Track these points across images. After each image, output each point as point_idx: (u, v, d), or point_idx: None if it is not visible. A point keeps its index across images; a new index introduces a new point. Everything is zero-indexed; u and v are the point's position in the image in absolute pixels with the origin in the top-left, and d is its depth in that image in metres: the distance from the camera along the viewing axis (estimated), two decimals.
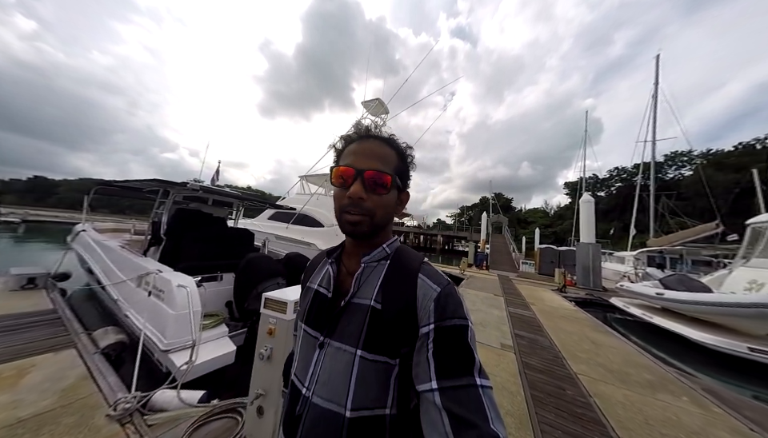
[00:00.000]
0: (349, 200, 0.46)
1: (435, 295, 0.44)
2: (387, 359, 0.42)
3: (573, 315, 5.45)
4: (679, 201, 21.34)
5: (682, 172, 35.22)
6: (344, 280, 0.53)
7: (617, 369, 2.94)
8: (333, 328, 0.47)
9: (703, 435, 1.88)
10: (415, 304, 0.44)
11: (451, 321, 0.42)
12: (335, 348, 0.45)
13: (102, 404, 1.61)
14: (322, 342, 0.47)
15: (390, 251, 0.52)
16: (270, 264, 2.96)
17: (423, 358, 0.40)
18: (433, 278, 0.46)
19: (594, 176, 43.45)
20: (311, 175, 11.87)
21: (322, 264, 0.59)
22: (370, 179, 0.46)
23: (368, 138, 0.51)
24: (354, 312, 0.47)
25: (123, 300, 2.83)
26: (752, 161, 23.26)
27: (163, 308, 2.24)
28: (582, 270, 9.77)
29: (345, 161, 0.50)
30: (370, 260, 0.51)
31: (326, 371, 0.45)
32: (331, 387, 0.43)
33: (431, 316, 0.42)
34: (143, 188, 4.09)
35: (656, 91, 16.90)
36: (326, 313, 0.50)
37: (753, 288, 5.11)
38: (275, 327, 1.37)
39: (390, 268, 0.50)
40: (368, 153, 0.49)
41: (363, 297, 0.47)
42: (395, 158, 0.51)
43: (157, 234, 3.60)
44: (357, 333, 0.44)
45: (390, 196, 0.49)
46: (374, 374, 0.42)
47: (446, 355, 0.39)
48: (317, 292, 0.54)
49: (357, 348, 0.43)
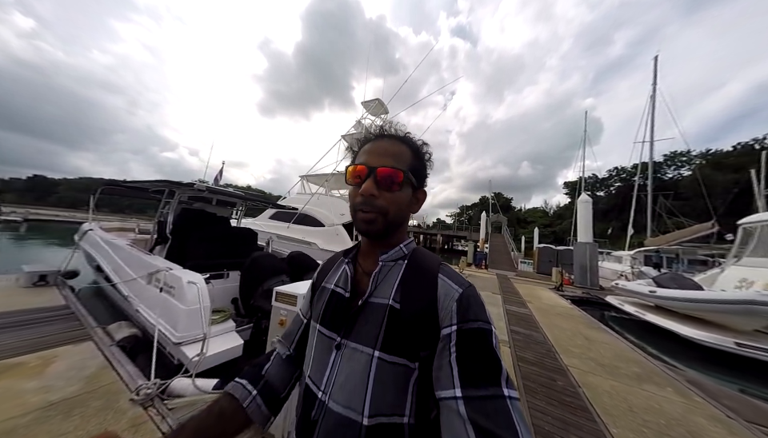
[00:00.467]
0: (361, 197, 0.47)
1: (457, 295, 0.43)
2: (406, 361, 0.41)
3: (568, 313, 5.58)
4: (677, 201, 21.48)
5: (681, 172, 35.35)
6: (360, 279, 0.52)
7: (607, 363, 3.08)
8: (350, 328, 0.46)
9: (683, 421, 2.01)
10: (436, 304, 0.43)
11: (475, 324, 0.40)
12: (352, 349, 0.44)
13: (124, 390, 1.74)
14: (339, 343, 0.46)
15: (407, 251, 0.52)
16: (274, 262, 3.09)
17: (445, 362, 0.38)
18: (453, 279, 0.46)
19: (594, 176, 43.57)
20: (311, 175, 11.99)
21: (338, 264, 0.58)
22: (382, 176, 0.46)
23: (382, 137, 0.52)
24: (371, 311, 0.46)
25: (134, 296, 2.95)
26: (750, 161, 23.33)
27: (174, 303, 2.37)
28: (579, 269, 9.91)
29: (359, 160, 0.50)
30: (388, 259, 0.50)
31: (342, 373, 0.43)
32: (348, 390, 0.42)
33: (453, 318, 0.41)
34: (149, 188, 4.21)
35: (654, 92, 17.02)
36: (342, 313, 0.49)
37: (743, 286, 5.25)
38: (286, 318, 1.50)
39: (408, 267, 0.49)
40: (381, 151, 0.49)
41: (381, 296, 0.47)
42: (410, 156, 0.50)
43: (163, 233, 3.72)
44: (375, 333, 0.43)
45: (404, 193, 0.49)
46: (392, 377, 0.41)
47: (471, 360, 0.37)
48: (333, 291, 0.53)
49: (375, 349, 0.42)
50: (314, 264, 3.67)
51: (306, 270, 3.46)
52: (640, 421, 1.96)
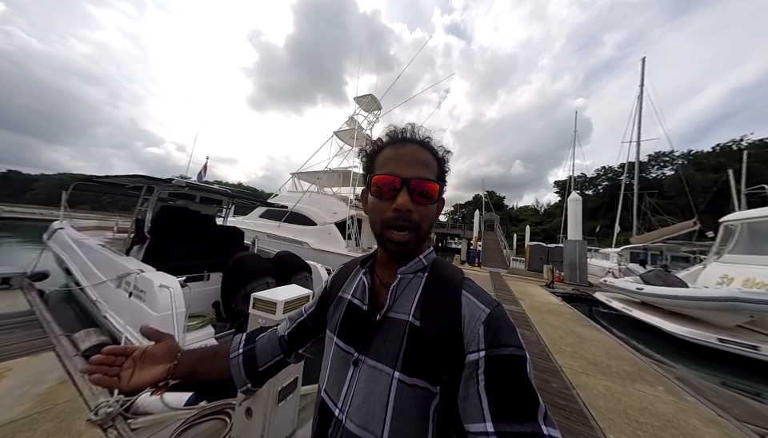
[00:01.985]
0: (396, 212, 0.42)
1: (485, 317, 0.39)
2: (428, 385, 0.38)
3: (559, 310, 5.64)
4: (661, 200, 22.29)
5: (664, 171, 36.72)
6: (378, 291, 0.49)
7: (599, 361, 3.08)
8: (368, 344, 0.44)
9: (676, 422, 1.99)
10: (460, 325, 0.40)
11: (506, 350, 0.36)
12: (371, 367, 0.42)
13: (83, 409, 1.56)
14: (357, 359, 0.44)
15: (427, 262, 0.49)
16: (259, 263, 2.92)
17: (473, 391, 0.35)
18: (480, 297, 0.42)
19: (583, 175, 44.71)
20: (303, 172, 11.70)
21: (354, 272, 0.55)
22: (419, 188, 0.42)
23: (407, 142, 0.46)
24: (390, 327, 0.43)
25: (102, 301, 2.73)
26: (729, 161, 24.42)
27: (144, 309, 2.18)
28: (569, 266, 10.10)
29: (385, 169, 0.44)
30: (407, 272, 0.47)
31: (360, 392, 0.42)
32: (367, 412, 0.40)
33: (481, 342, 0.37)
34: (126, 184, 3.93)
35: (641, 93, 17.44)
36: (360, 327, 0.46)
37: (724, 282, 5.42)
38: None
39: (429, 281, 0.46)
40: (412, 158, 0.44)
41: (400, 312, 0.44)
42: (436, 164, 0.46)
43: (141, 232, 3.48)
44: (394, 353, 0.41)
45: (435, 206, 0.46)
46: (413, 401, 0.38)
47: (503, 391, 0.34)
48: (350, 302, 0.50)
49: (395, 370, 0.40)
50: (303, 264, 3.52)
51: (295, 271, 3.30)
52: (635, 424, 1.92)
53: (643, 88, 17.41)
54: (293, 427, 1.50)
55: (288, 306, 1.41)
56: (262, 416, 1.28)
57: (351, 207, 8.62)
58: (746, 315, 4.16)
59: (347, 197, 9.39)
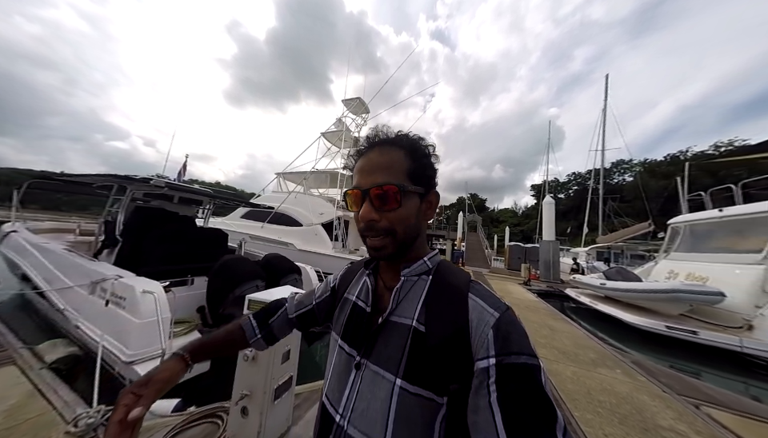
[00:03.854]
0: (363, 224, 0.44)
1: (493, 321, 0.37)
2: (433, 395, 0.36)
3: (535, 306, 6.06)
4: (623, 203, 24.58)
5: (624, 177, 40.54)
6: (382, 294, 0.49)
7: (568, 351, 3.39)
8: (370, 347, 0.43)
9: (629, 399, 2.28)
10: (467, 330, 0.37)
11: (519, 358, 0.34)
12: (373, 373, 0.41)
13: (58, 422, 1.47)
14: (359, 362, 0.43)
15: (432, 265, 0.48)
16: (247, 266, 2.87)
17: (484, 403, 0.32)
18: (488, 300, 0.40)
19: (556, 179, 47.98)
20: (289, 172, 11.46)
21: (359, 274, 0.55)
22: (376, 197, 0.43)
23: (370, 149, 0.46)
24: (393, 332, 0.42)
25: (73, 309, 2.54)
26: (677, 170, 27.48)
27: (125, 316, 2.08)
28: (543, 265, 10.83)
29: (354, 182, 0.47)
30: (410, 274, 0.47)
31: (363, 399, 0.41)
32: (368, 419, 0.39)
33: (490, 348, 0.35)
34: (94, 183, 3.66)
35: (605, 106, 19.22)
36: (363, 330, 0.46)
37: (671, 276, 6.16)
38: None
39: (433, 284, 0.45)
40: (370, 167, 0.45)
41: (403, 316, 0.43)
42: (404, 160, 0.44)
43: (111, 235, 3.26)
44: (397, 358, 0.40)
45: (408, 206, 0.44)
46: (417, 412, 0.36)
47: (516, 404, 0.31)
48: (355, 304, 0.50)
49: (397, 377, 0.39)
50: (293, 266, 3.50)
51: (284, 274, 3.27)
52: (596, 402, 2.18)
53: (607, 102, 19.19)
54: (288, 424, 1.53)
55: None
56: (258, 414, 1.31)
57: (338, 208, 8.58)
58: (687, 304, 4.79)
59: (334, 198, 9.34)
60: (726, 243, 5.50)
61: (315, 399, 1.88)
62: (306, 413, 1.70)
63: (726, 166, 16.60)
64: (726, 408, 2.26)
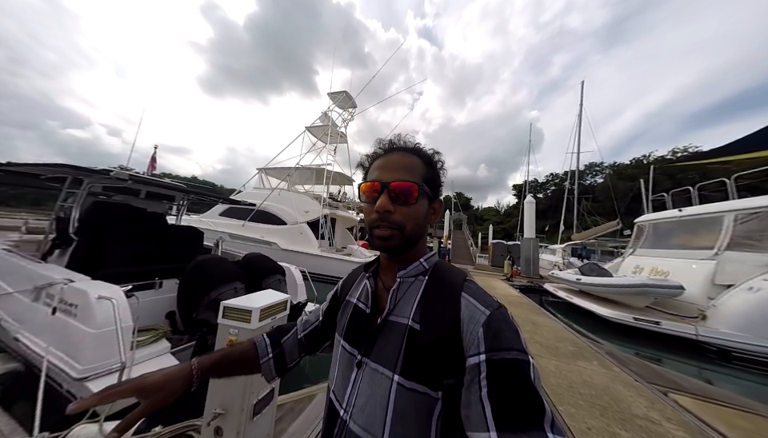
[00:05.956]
0: (377, 214, 0.45)
1: (484, 319, 0.38)
2: (428, 390, 0.38)
3: (518, 300, 6.30)
4: (595, 203, 26.38)
5: (596, 179, 43.52)
6: (381, 296, 0.51)
7: (550, 344, 3.53)
8: (370, 346, 0.45)
9: (607, 390, 2.40)
10: (459, 327, 0.39)
11: (508, 354, 0.35)
12: (372, 370, 0.43)
13: None
14: (360, 361, 0.46)
15: (428, 266, 0.50)
16: (224, 266, 2.66)
17: (475, 398, 0.34)
18: (479, 298, 0.42)
19: (536, 179, 50.36)
20: (272, 168, 10.95)
21: (360, 277, 0.58)
22: (397, 190, 0.45)
23: (392, 151, 0.51)
24: (390, 331, 0.44)
25: (12, 319, 2.20)
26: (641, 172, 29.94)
27: (77, 326, 1.82)
28: (524, 261, 11.34)
29: (372, 176, 0.49)
30: (406, 275, 0.49)
31: (363, 395, 0.43)
32: (368, 415, 0.41)
33: (480, 345, 0.36)
34: (42, 174, 3.21)
35: (581, 111, 20.37)
36: (363, 330, 0.48)
37: (637, 271, 6.66)
38: (236, 337, 1.25)
39: (429, 284, 0.47)
40: (393, 165, 0.48)
41: (400, 315, 0.45)
42: (422, 167, 0.49)
43: (64, 234, 2.89)
44: (394, 356, 0.42)
45: (419, 206, 0.47)
46: (414, 406, 0.38)
47: (506, 398, 0.32)
48: (356, 306, 0.53)
49: (394, 373, 0.41)
50: (276, 267, 3.30)
51: (266, 275, 3.07)
52: (578, 395, 2.26)
53: (582, 107, 20.34)
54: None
55: (265, 313, 1.32)
56: (234, 433, 1.18)
57: (324, 206, 8.34)
58: (652, 297, 5.19)
59: (320, 196, 9.05)
60: (684, 240, 6.03)
61: (300, 409, 1.76)
62: (289, 426, 1.58)
63: (682, 169, 18.31)
64: (688, 393, 2.45)
